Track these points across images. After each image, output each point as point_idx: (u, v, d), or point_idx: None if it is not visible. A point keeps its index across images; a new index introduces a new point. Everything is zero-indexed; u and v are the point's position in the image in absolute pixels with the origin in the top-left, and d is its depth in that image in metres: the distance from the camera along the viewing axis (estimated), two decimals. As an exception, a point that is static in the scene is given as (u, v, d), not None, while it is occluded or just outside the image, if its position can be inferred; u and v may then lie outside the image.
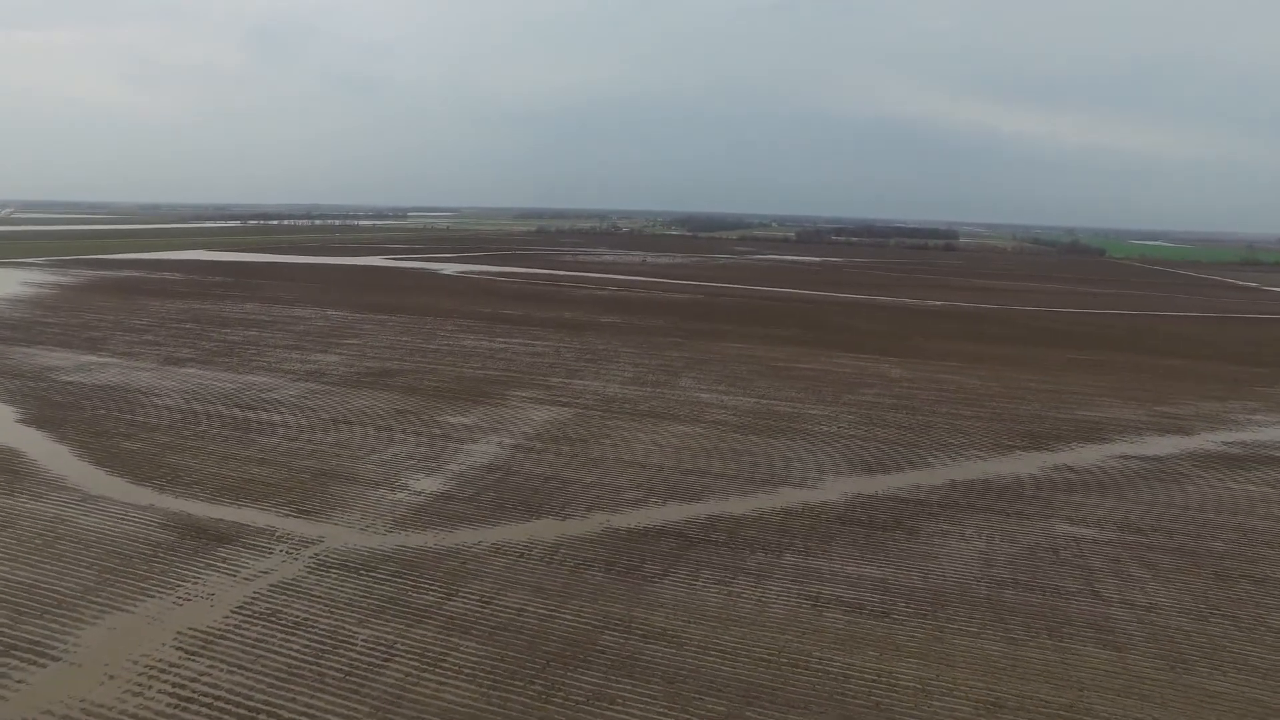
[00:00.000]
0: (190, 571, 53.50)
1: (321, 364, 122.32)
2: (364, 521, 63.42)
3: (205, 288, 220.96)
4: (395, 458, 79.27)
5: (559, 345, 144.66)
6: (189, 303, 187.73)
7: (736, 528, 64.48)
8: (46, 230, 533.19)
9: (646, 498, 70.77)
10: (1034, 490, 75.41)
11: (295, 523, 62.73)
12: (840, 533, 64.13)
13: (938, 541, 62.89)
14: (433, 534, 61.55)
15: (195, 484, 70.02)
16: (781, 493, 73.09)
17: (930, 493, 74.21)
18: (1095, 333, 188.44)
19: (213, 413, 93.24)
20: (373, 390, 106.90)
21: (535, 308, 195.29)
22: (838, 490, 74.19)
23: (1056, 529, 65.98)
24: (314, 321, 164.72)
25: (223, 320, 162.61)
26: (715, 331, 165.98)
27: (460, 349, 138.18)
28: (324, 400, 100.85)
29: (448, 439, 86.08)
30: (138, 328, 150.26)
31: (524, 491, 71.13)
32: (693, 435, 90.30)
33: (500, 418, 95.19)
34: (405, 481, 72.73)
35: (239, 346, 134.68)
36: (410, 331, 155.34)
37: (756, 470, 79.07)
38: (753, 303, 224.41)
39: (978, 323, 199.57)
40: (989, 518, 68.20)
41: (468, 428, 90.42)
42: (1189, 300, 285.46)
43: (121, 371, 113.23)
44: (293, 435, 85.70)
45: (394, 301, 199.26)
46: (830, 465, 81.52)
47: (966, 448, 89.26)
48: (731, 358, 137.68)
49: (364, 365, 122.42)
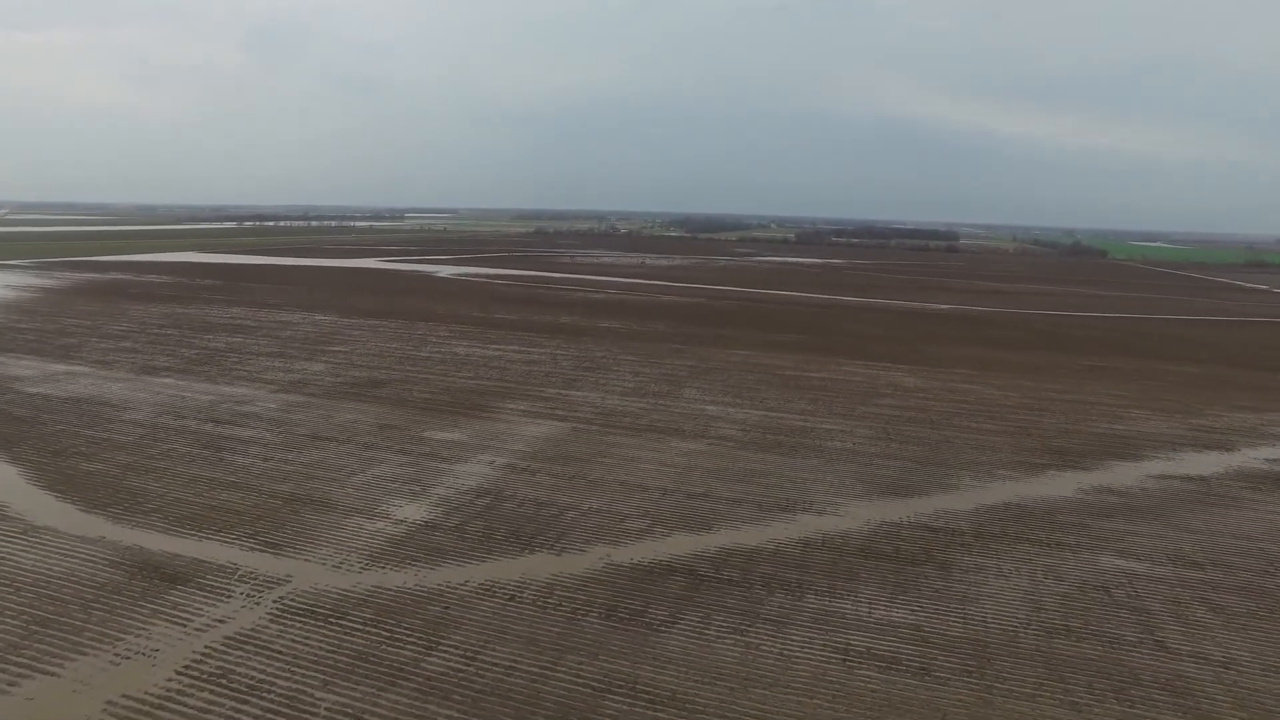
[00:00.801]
0: (134, 621, 47.12)
1: (305, 373, 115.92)
2: (337, 557, 57.09)
3: (192, 291, 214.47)
4: (376, 480, 72.92)
5: (555, 352, 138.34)
6: (173, 307, 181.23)
7: (751, 562, 58.22)
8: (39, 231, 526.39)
9: (651, 527, 64.49)
10: (1073, 516, 69.16)
11: (261, 558, 56.38)
12: (866, 569, 57.86)
13: (974, 579, 56.64)
14: (413, 572, 55.23)
15: (155, 512, 63.64)
16: (798, 520, 66.82)
17: (960, 519, 67.97)
18: (1109, 338, 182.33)
19: (184, 428, 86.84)
20: (357, 402, 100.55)
21: (531, 312, 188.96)
22: (859, 517, 67.94)
23: (1104, 563, 59.75)
24: (301, 327, 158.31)
25: (206, 326, 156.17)
26: (718, 337, 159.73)
27: (452, 357, 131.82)
28: (304, 414, 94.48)
29: (434, 458, 79.73)
30: (115, 334, 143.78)
31: (516, 520, 64.83)
32: (699, 453, 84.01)
33: (492, 433, 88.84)
34: (386, 508, 66.41)
35: (220, 354, 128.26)
36: (401, 338, 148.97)
37: (770, 493, 72.80)
38: (756, 306, 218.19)
39: (987, 327, 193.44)
40: (1027, 549, 61.97)
41: (456, 445, 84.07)
42: (1200, 303, 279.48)
43: (92, 382, 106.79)
44: (267, 454, 79.32)
45: (386, 306, 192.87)
46: (849, 487, 75.26)
47: (993, 466, 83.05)
48: (736, 365, 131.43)
49: (350, 375, 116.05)
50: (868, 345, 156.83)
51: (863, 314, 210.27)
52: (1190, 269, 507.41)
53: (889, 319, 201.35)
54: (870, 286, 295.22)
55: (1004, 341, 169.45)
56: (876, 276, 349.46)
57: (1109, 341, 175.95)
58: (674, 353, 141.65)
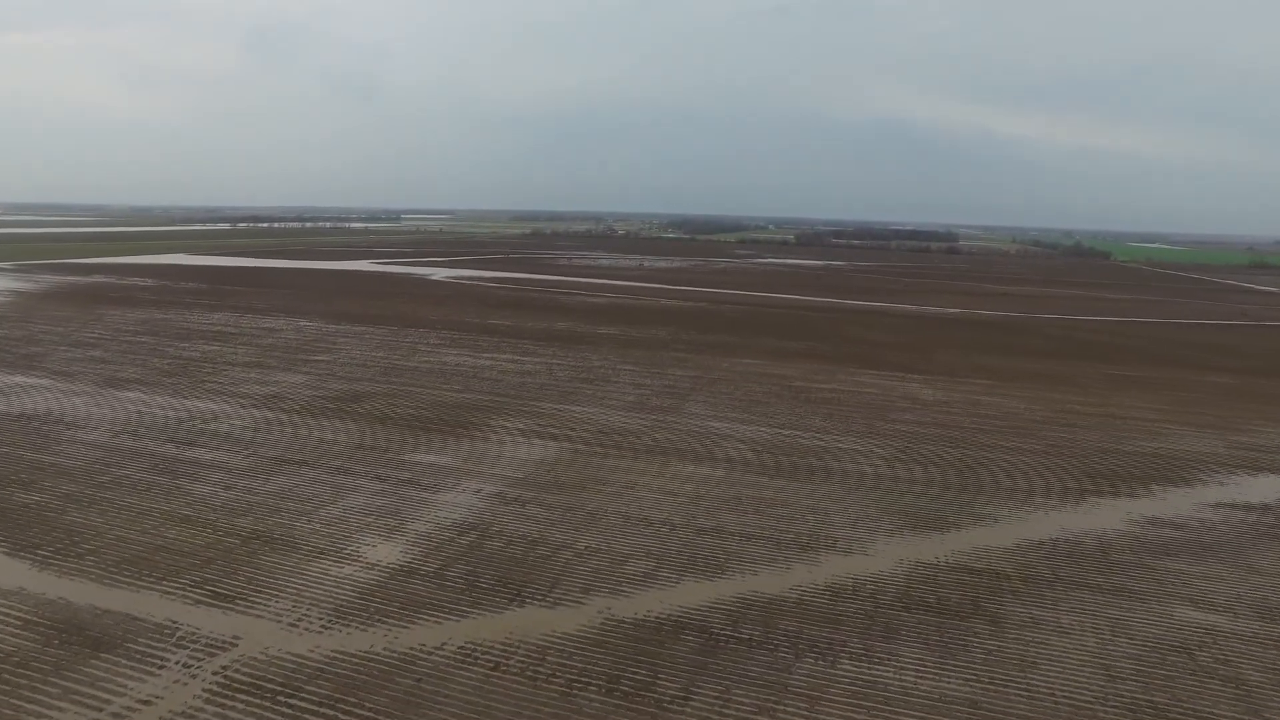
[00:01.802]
0: (36, 706, 39.40)
1: (282, 386, 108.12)
2: (296, 611, 49.35)
3: (175, 295, 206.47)
4: (348, 513, 65.19)
5: (551, 362, 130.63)
6: (151, 312, 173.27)
7: (773, 616, 50.57)
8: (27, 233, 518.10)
9: (656, 570, 56.83)
10: (1130, 555, 61.60)
11: (206, 615, 48.64)
12: (906, 624, 50.22)
13: (1032, 637, 49.02)
14: (383, 631, 47.52)
15: (91, 554, 55.88)
16: (823, 561, 59.18)
17: (1003, 559, 60.38)
18: (1131, 344, 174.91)
19: (141, 451, 79.02)
20: (335, 419, 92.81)
21: (527, 317, 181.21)
22: (891, 556, 60.33)
23: (1178, 615, 52.16)
24: (284, 334, 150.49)
25: (184, 332, 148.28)
26: (722, 344, 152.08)
27: (441, 367, 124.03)
28: (276, 433, 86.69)
29: (415, 485, 71.98)
30: (86, 341, 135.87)
31: (504, 563, 57.13)
32: (707, 479, 76.33)
33: (480, 455, 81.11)
34: (356, 548, 58.69)
35: (194, 364, 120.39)
36: (388, 346, 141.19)
37: (788, 527, 65.17)
38: (759, 311, 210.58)
39: (1001, 333, 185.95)
40: (1086, 597, 54.37)
41: (440, 470, 76.31)
42: (1214, 307, 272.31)
43: (51, 396, 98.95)
44: (230, 481, 71.55)
45: (375, 311, 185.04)
46: (876, 519, 67.63)
47: (1031, 493, 75.48)
48: (742, 376, 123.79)
49: (330, 387, 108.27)
50: (879, 353, 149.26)
51: (871, 319, 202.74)
52: (1195, 271, 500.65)
53: (898, 324, 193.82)
54: (875, 290, 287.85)
55: (1021, 349, 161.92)
56: (880, 279, 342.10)
57: (1131, 349, 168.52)
58: (676, 362, 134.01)
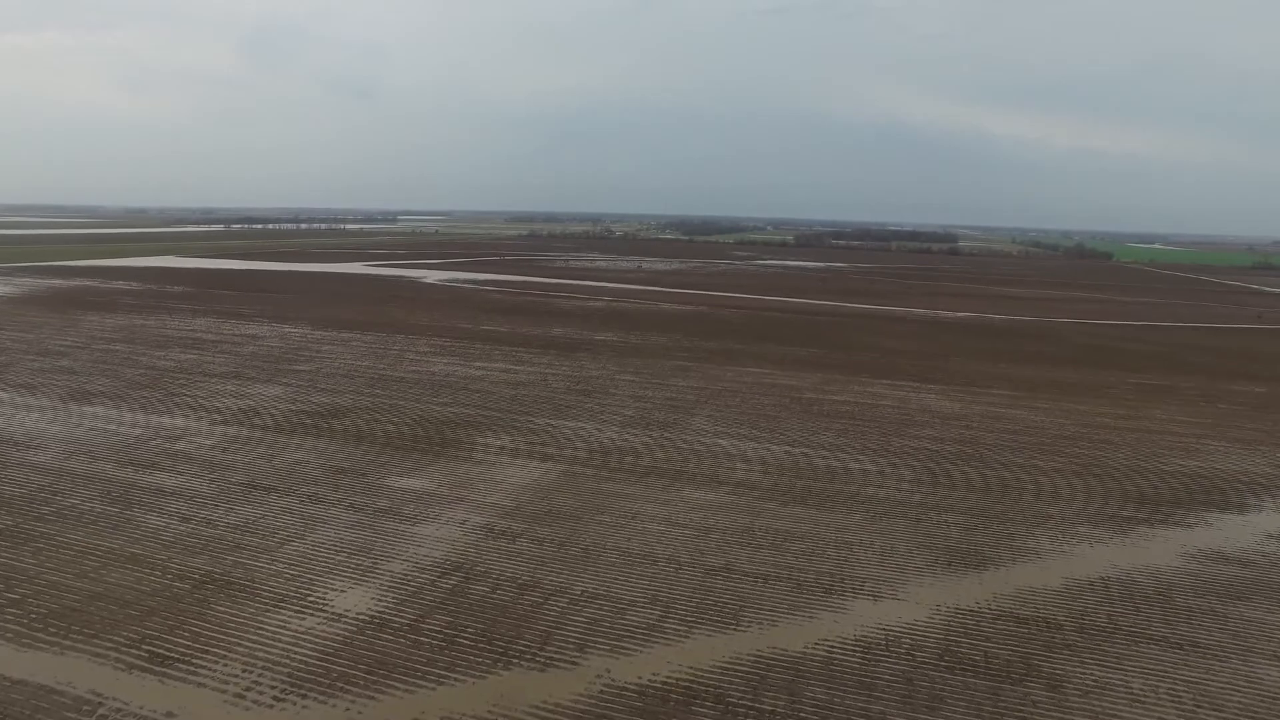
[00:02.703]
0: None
1: (259, 399, 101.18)
2: (246, 678, 42.43)
3: (158, 300, 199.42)
4: (317, 550, 58.27)
5: (546, 371, 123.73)
6: (130, 318, 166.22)
7: (799, 680, 43.71)
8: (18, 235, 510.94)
9: (662, 620, 49.94)
10: (1195, 599, 54.78)
11: (139, 684, 41.73)
12: (951, 690, 43.37)
13: (1100, 707, 42.18)
14: (345, 704, 40.63)
15: (15, 605, 48.90)
16: (849, 607, 52.33)
17: (1052, 604, 53.55)
18: (1153, 351, 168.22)
19: (95, 475, 72.05)
20: (312, 437, 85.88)
21: (521, 323, 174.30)
22: (926, 601, 53.49)
23: (1266, 676, 45.35)
24: (266, 341, 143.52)
25: (161, 340, 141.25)
26: (726, 352, 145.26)
27: (429, 378, 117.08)
28: (245, 453, 79.74)
29: (393, 516, 65.06)
30: (56, 350, 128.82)
31: (489, 613, 50.23)
32: (716, 506, 69.46)
33: (466, 479, 74.20)
34: (322, 594, 51.78)
35: (167, 375, 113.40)
36: (375, 354, 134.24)
37: (808, 565, 58.33)
38: (762, 315, 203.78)
39: (1015, 339, 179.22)
40: (1155, 654, 47.54)
41: (422, 497, 69.40)
42: (1228, 310, 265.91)
43: (5, 412, 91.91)
44: (189, 511, 64.63)
45: (364, 316, 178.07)
46: (904, 554, 60.80)
47: (1070, 521, 68.68)
48: (749, 387, 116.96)
49: (310, 401, 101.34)
50: (891, 361, 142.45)
51: (880, 324, 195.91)
52: (1198, 272, 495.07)
53: (908, 330, 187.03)
54: (879, 293, 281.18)
55: (1038, 356, 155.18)
56: (884, 281, 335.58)
57: (1154, 355, 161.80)
58: (678, 371, 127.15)
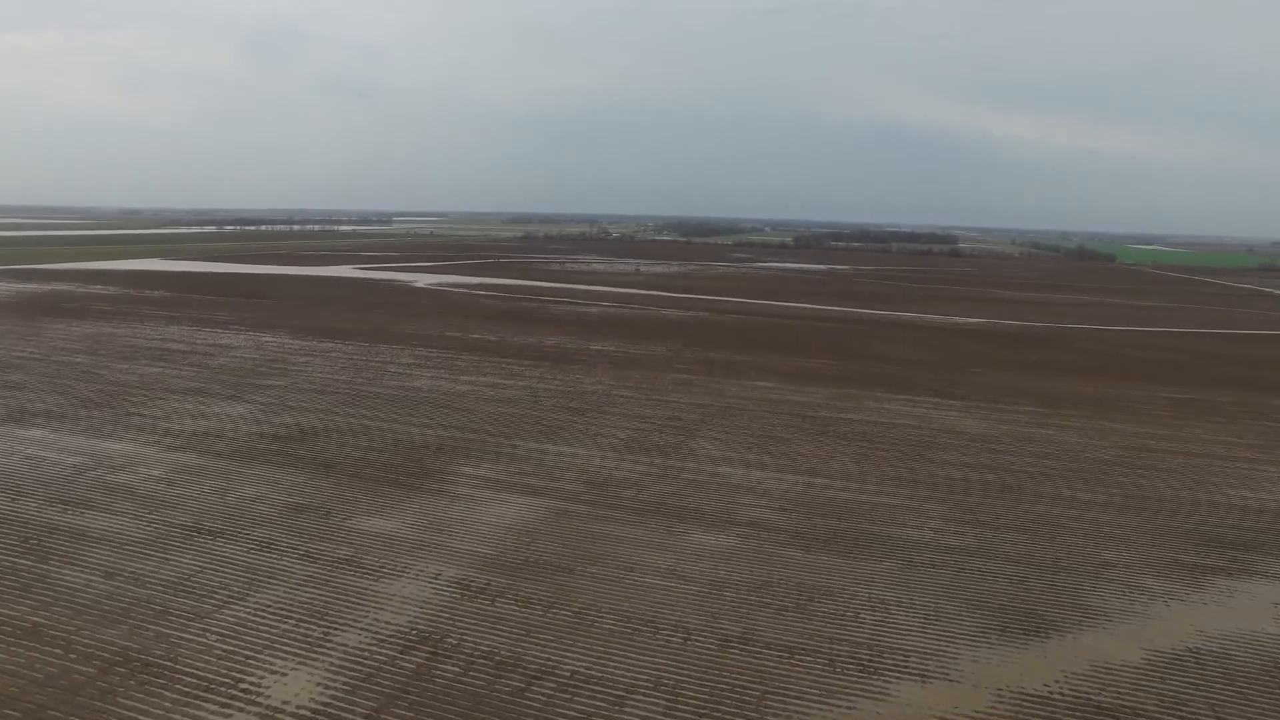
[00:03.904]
0: None
1: (220, 420, 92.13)
2: (140, 808, 33.42)
3: (133, 305, 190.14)
4: (259, 616, 49.22)
5: (536, 385, 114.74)
6: (99, 326, 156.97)
7: (839, 806, 34.75)
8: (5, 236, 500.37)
9: (668, 715, 40.98)
10: (1304, 679, 45.91)
11: (2, 818, 32.74)
12: (1035, 819, 34.43)
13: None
14: None
15: (-125, 700, 39.88)
16: (894, 693, 43.38)
17: (1138, 688, 44.61)
18: (1177, 360, 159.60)
19: (16, 516, 62.93)
20: (273, 466, 76.85)
21: (512, 330, 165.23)
22: (984, 683, 44.56)
23: None
24: (240, 352, 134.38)
25: (127, 351, 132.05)
26: (729, 363, 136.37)
27: (410, 394, 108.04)
28: (195, 487, 70.68)
29: (354, 568, 56.02)
30: (10, 362, 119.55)
31: (460, 704, 41.21)
32: (727, 553, 60.52)
33: (441, 520, 65.20)
34: (257, 680, 42.74)
35: (125, 391, 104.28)
36: (355, 366, 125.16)
37: (840, 632, 49.36)
38: (766, 322, 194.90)
39: (1031, 346, 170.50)
40: (1274, 761, 38.69)
41: (389, 543, 60.36)
42: (1247, 315, 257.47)
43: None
44: (115, 563, 55.56)
45: (347, 324, 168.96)
46: (951, 617, 51.86)
47: (1134, 570, 59.83)
48: (756, 403, 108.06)
49: (276, 421, 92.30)
50: (906, 373, 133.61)
51: (889, 331, 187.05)
52: (1204, 274, 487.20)
53: (919, 338, 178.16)
54: (885, 297, 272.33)
55: (1060, 366, 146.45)
56: (888, 285, 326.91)
57: (1182, 365, 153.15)
58: (679, 385, 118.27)
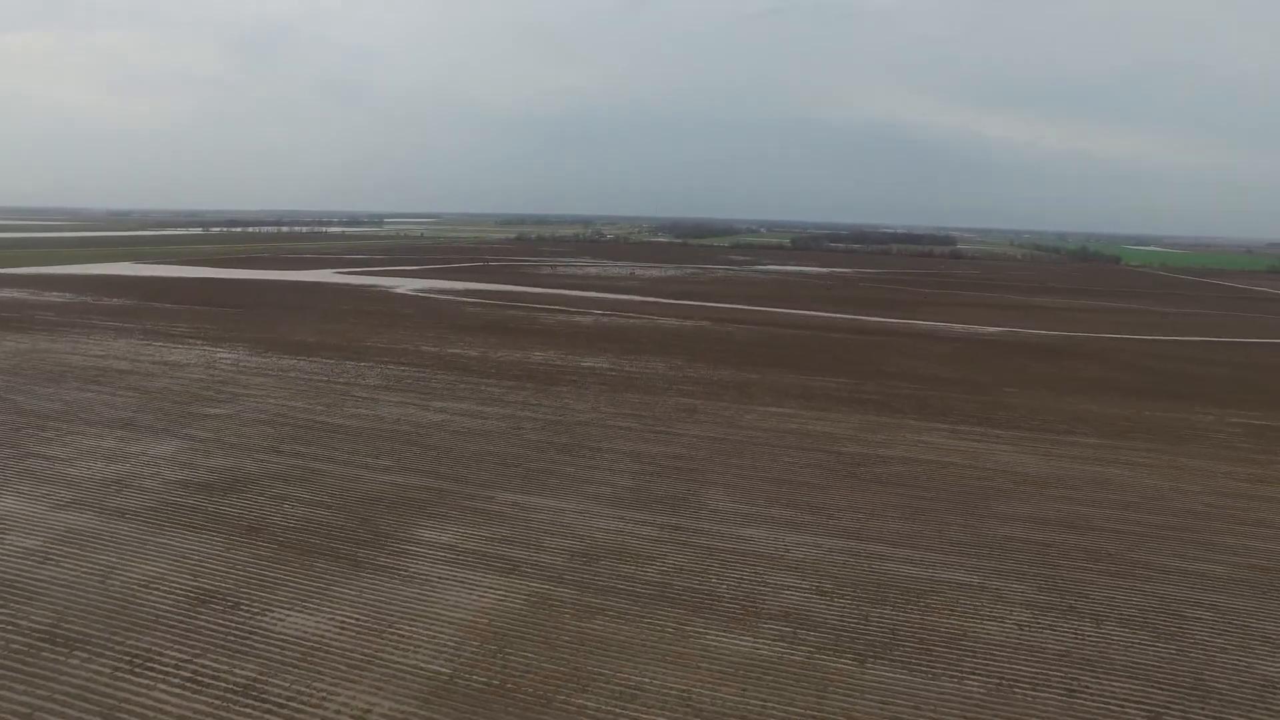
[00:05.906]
0: None
1: (139, 463, 76.95)
2: None
3: (84, 315, 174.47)
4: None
5: (520, 414, 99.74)
6: (36, 340, 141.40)
7: None
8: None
9: None
10: None
11: None
12: None
13: None
14: None
15: None
16: None
17: None
18: (1228, 375, 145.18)
19: None
20: (185, 530, 61.74)
21: (497, 344, 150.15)
22: None
23: None
24: (188, 371, 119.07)
25: (57, 372, 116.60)
26: (739, 383, 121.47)
27: (373, 426, 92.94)
28: (75, 565, 55.51)
29: (253, 704, 40.87)
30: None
31: None
32: (758, 666, 45.51)
33: (386, 616, 50.08)
34: None
35: (35, 423, 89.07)
36: (315, 389, 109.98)
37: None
38: (772, 332, 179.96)
39: (1066, 360, 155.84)
40: None
41: (312, 652, 45.20)
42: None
43: None
44: (-75, 697, 40.40)
45: (315, 336, 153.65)
46: (1079, 784, 36.99)
47: (1298, 689, 45.05)
48: (773, 435, 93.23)
49: (206, 465, 77.16)
50: (939, 394, 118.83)
51: (905, 343, 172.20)
52: (1212, 276, 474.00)
53: (940, 351, 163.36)
54: (895, 303, 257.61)
55: (1104, 384, 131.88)
56: (894, 289, 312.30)
57: (1238, 381, 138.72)
58: (683, 412, 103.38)
